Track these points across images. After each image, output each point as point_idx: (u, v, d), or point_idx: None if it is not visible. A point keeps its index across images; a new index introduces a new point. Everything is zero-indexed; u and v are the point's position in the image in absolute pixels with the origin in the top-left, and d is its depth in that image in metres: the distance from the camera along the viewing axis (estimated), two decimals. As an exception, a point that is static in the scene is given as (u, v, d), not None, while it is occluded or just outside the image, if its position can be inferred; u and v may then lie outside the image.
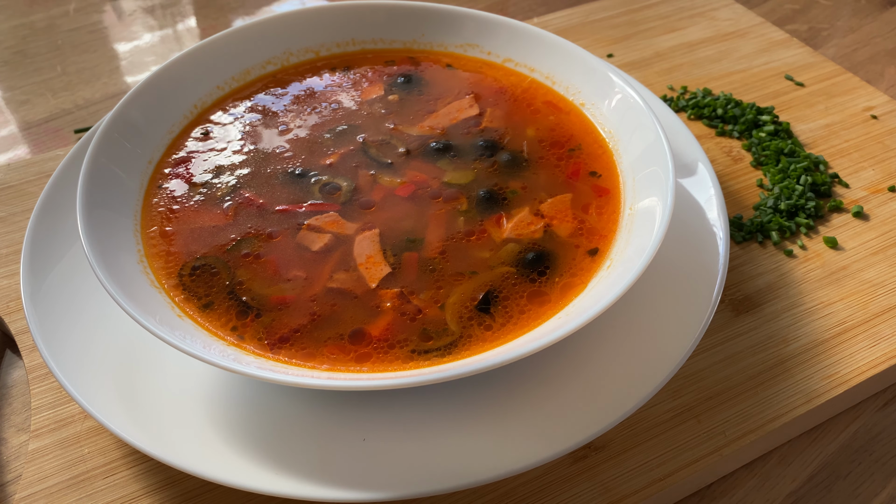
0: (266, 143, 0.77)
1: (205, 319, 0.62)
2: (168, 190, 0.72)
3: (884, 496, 0.66)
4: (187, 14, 1.30)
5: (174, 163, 0.75)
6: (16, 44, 1.21)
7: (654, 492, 0.62)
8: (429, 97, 0.83)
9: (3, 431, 0.70)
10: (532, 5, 1.30)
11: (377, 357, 0.60)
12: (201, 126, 0.79)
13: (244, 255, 0.67)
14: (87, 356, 0.64)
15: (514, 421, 0.60)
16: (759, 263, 0.80)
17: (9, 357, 0.76)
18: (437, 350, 0.60)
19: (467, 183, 0.73)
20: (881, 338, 0.73)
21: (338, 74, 0.86)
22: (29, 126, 1.05)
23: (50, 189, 0.75)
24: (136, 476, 0.63)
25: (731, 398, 0.68)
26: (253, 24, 0.85)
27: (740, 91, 1.02)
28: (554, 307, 0.63)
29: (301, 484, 0.56)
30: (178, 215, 0.70)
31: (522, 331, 0.62)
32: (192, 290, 0.64)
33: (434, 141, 0.77)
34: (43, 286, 0.68)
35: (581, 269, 0.66)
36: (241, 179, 0.73)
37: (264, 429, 0.60)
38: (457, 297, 0.64)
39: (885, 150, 0.93)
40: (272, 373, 0.56)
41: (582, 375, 0.63)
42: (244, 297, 0.64)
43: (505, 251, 0.67)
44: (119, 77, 1.14)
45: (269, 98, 0.83)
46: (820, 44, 1.18)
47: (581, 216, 0.70)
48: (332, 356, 0.60)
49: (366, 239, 0.68)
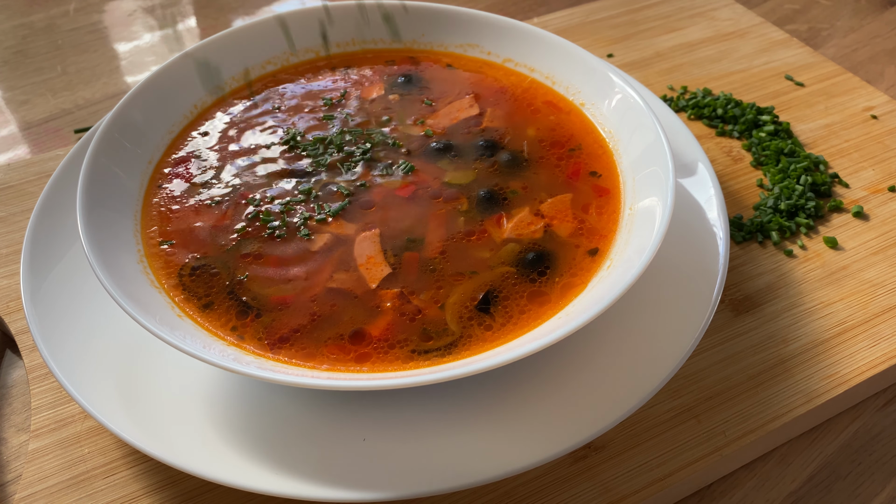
0: (266, 143, 0.77)
1: (205, 319, 0.62)
2: (168, 190, 0.72)
3: (884, 496, 0.66)
4: (187, 14, 1.30)
5: (174, 162, 0.75)
6: (16, 44, 1.21)
7: (654, 492, 0.62)
8: (429, 97, 0.83)
9: (3, 431, 0.70)
10: (532, 5, 1.30)
11: (377, 357, 0.60)
12: (201, 126, 0.79)
13: (244, 255, 0.67)
14: (87, 356, 0.64)
15: (514, 421, 0.60)
16: (759, 263, 0.80)
17: (9, 357, 0.76)
18: (437, 350, 0.60)
19: (468, 183, 0.73)
20: (881, 338, 0.73)
21: (338, 74, 0.86)
22: (29, 126, 1.05)
23: (50, 189, 0.75)
24: (136, 476, 0.63)
25: (731, 398, 0.68)
26: (253, 24, 0.85)
27: (740, 91, 1.02)
28: (554, 307, 0.63)
29: (301, 484, 0.56)
30: (178, 215, 0.70)
31: (522, 331, 0.62)
32: (192, 290, 0.64)
33: (434, 141, 0.77)
34: (43, 286, 0.68)
35: (581, 269, 0.66)
36: (241, 179, 0.73)
37: (264, 429, 0.60)
38: (457, 297, 0.64)
39: (885, 150, 0.93)
40: (272, 373, 0.56)
41: (582, 375, 0.63)
42: (244, 297, 0.64)
43: (505, 251, 0.67)
44: (119, 77, 1.14)
45: (269, 98, 0.83)
46: (820, 44, 1.18)
47: (581, 216, 0.70)
48: (332, 356, 0.60)
49: (366, 239, 0.68)
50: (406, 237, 0.68)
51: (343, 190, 0.72)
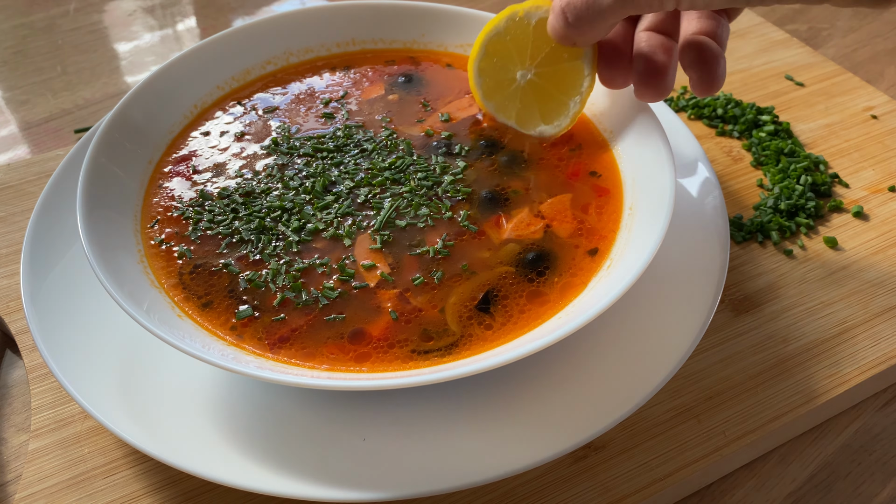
0: (265, 142, 0.77)
1: (204, 319, 0.62)
2: (168, 190, 0.72)
3: (884, 496, 0.66)
4: (187, 14, 1.30)
5: (174, 162, 0.75)
6: (16, 44, 1.21)
7: (654, 492, 0.62)
8: (429, 97, 0.83)
9: (3, 431, 0.70)
10: (532, 5, 1.30)
11: (377, 357, 0.60)
12: (201, 126, 0.79)
13: (244, 254, 0.67)
14: (87, 356, 0.64)
15: (514, 421, 0.60)
16: (759, 263, 0.80)
17: (9, 357, 0.76)
18: (438, 350, 0.60)
19: (468, 183, 0.73)
20: (881, 338, 0.73)
21: (338, 74, 0.86)
22: (29, 126, 1.05)
23: (50, 189, 0.75)
24: (136, 476, 0.63)
25: (731, 398, 0.68)
26: (253, 24, 0.85)
27: (740, 91, 1.02)
28: (554, 307, 0.63)
29: (301, 484, 0.56)
30: (179, 215, 0.70)
31: (522, 331, 0.62)
32: (192, 289, 0.64)
33: (434, 141, 0.77)
34: (43, 286, 0.68)
35: (581, 269, 0.66)
36: (241, 179, 0.73)
37: (264, 429, 0.60)
38: (457, 297, 0.64)
39: (885, 150, 0.93)
40: (272, 373, 0.56)
41: (582, 375, 0.63)
42: (244, 296, 0.64)
43: (505, 251, 0.67)
44: (119, 77, 1.14)
45: (269, 98, 0.83)
46: (820, 44, 1.18)
47: (581, 216, 0.70)
48: (331, 356, 0.60)
49: (366, 239, 0.68)
50: (406, 237, 0.68)
51: (343, 189, 0.72)
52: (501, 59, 0.75)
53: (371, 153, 0.75)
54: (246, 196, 0.71)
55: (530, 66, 0.74)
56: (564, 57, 0.72)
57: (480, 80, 0.77)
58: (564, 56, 0.72)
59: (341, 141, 0.77)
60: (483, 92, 0.77)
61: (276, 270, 0.65)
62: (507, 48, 0.74)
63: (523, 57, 0.73)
